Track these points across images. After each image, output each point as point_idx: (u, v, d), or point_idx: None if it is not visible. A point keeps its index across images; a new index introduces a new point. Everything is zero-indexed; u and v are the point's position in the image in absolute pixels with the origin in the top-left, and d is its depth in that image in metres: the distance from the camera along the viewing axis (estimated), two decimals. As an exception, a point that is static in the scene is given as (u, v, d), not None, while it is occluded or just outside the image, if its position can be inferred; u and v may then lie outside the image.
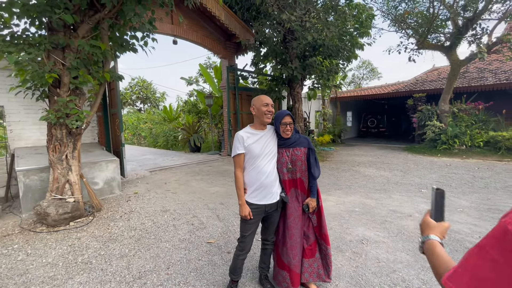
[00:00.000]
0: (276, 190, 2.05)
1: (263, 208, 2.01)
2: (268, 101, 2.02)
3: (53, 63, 3.61)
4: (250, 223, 2.01)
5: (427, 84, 12.74)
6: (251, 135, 2.02)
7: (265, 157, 2.00)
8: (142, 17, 4.11)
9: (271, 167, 2.02)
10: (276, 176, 2.06)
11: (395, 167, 7.32)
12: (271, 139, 2.06)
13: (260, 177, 1.98)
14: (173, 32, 7.34)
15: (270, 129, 2.12)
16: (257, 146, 1.99)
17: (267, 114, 2.00)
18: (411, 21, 9.91)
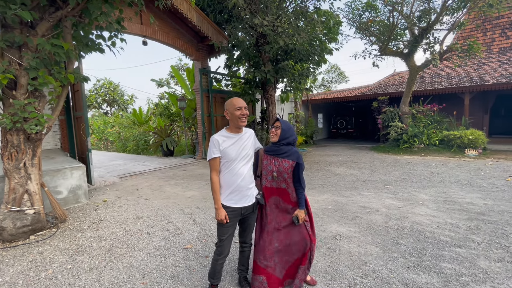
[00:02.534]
0: (252, 193, 2.06)
1: (239, 210, 2.01)
2: (241, 104, 1.98)
3: (7, 63, 3.31)
4: (227, 226, 2.00)
5: (389, 87, 13.70)
6: (226, 139, 2.00)
7: (241, 160, 2.00)
8: (109, 16, 3.92)
9: (246, 170, 2.02)
10: (251, 178, 2.08)
11: (363, 165, 7.76)
12: (248, 142, 2.06)
13: (236, 179, 1.98)
14: (143, 33, 7.09)
15: (247, 132, 2.11)
16: (233, 149, 1.98)
17: (242, 118, 1.98)
18: (374, 29, 10.62)
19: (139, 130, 14.20)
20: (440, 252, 2.78)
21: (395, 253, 2.78)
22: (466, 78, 11.22)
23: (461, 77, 11.57)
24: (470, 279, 2.30)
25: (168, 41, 7.83)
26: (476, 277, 2.33)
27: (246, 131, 2.11)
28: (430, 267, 2.51)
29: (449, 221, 3.56)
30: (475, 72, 11.62)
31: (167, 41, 7.83)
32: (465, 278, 2.32)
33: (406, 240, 3.05)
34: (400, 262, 2.61)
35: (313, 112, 16.72)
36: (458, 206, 4.14)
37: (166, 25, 7.84)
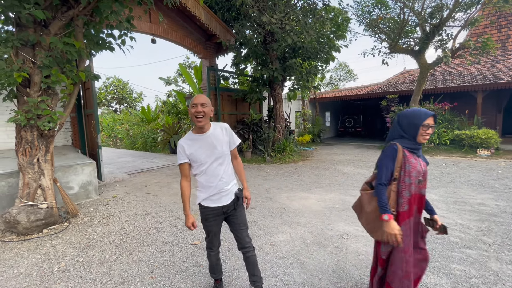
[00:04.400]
0: (231, 190, 1.94)
1: (220, 209, 1.92)
2: (197, 100, 1.78)
3: (22, 61, 3.40)
4: (210, 225, 1.96)
5: (399, 86, 13.47)
6: (191, 142, 1.86)
7: (215, 161, 1.86)
8: (119, 14, 3.97)
9: (223, 169, 1.89)
10: (230, 175, 1.95)
11: (371, 164, 7.67)
12: (217, 140, 1.87)
13: (213, 181, 1.87)
14: (152, 31, 7.16)
15: (216, 128, 1.91)
16: (200, 152, 1.84)
17: (197, 116, 1.77)
18: (383, 26, 10.44)
19: (147, 127, 14.39)
20: (450, 253, 2.73)
21: (403, 253, 2.75)
22: (479, 76, 10.93)
23: (474, 75, 11.28)
24: (480, 281, 2.26)
25: (176, 39, 7.89)
26: (486, 279, 2.29)
27: (215, 127, 1.91)
28: (439, 268, 2.47)
29: (459, 222, 3.49)
30: (488, 70, 11.30)
31: (176, 39, 7.88)
32: (475, 280, 2.28)
33: (415, 241, 3.01)
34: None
35: (320, 110, 16.59)
36: (469, 207, 4.06)
37: (174, 23, 7.89)
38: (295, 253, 2.82)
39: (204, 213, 1.95)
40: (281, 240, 3.11)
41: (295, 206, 4.30)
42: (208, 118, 1.85)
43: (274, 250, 2.88)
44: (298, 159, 8.84)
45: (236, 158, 2.09)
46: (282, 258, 2.72)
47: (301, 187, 5.42)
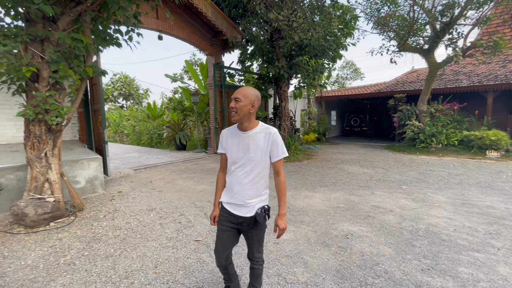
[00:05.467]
0: (253, 204, 1.71)
1: (235, 218, 1.74)
2: (234, 94, 1.62)
3: (31, 56, 3.43)
4: (221, 229, 1.79)
5: (407, 85, 13.26)
6: (231, 136, 1.74)
7: (243, 165, 1.68)
8: (127, 10, 3.99)
9: (250, 178, 1.68)
10: (258, 190, 1.72)
11: (377, 164, 7.59)
12: (255, 143, 1.65)
13: (234, 187, 1.71)
14: (159, 27, 7.17)
15: (261, 130, 1.68)
16: (234, 150, 1.70)
17: (231, 112, 1.64)
18: (392, 24, 10.26)
19: (153, 124, 14.49)
20: (457, 256, 2.68)
21: (409, 254, 2.72)
22: (490, 76, 10.68)
23: (485, 74, 11.03)
24: (488, 285, 2.22)
25: (183, 36, 7.89)
26: (495, 283, 2.24)
27: (260, 130, 1.68)
28: (445, 270, 2.43)
29: (467, 225, 3.43)
30: (500, 69, 11.04)
31: (182, 36, 7.88)
32: (483, 284, 2.23)
33: (421, 242, 2.97)
34: (414, 264, 2.55)
35: (326, 109, 16.47)
36: (477, 209, 3.98)
37: (181, 20, 7.89)
38: (298, 252, 2.80)
39: (221, 212, 1.82)
40: (285, 239, 3.10)
41: (300, 204, 4.28)
42: (245, 114, 1.60)
43: (278, 249, 2.87)
44: (303, 157, 8.79)
45: (279, 175, 1.72)
46: (286, 256, 2.71)
47: (305, 186, 5.39)
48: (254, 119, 1.68)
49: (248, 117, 1.63)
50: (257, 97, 1.64)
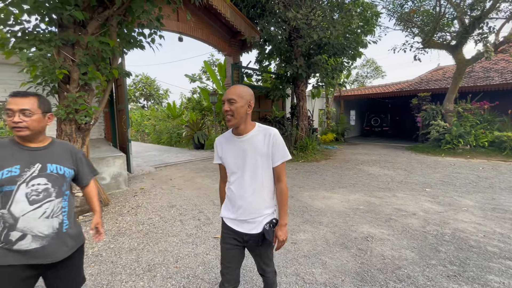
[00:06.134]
0: (260, 219, 1.49)
1: (240, 235, 1.52)
2: (226, 95, 1.41)
3: (63, 59, 3.65)
4: (225, 247, 1.56)
5: (432, 83, 12.68)
6: (225, 143, 1.54)
7: (243, 174, 1.46)
8: (150, 14, 4.14)
9: (252, 189, 1.46)
10: (263, 202, 1.49)
11: (399, 166, 7.32)
12: (254, 147, 1.45)
13: (237, 201, 1.49)
14: (179, 29, 7.36)
15: (259, 132, 1.48)
16: (230, 157, 1.50)
17: (226, 116, 1.43)
18: (417, 20, 9.85)
19: (173, 123, 14.89)
20: (487, 263, 2.54)
21: (434, 260, 2.61)
22: (525, 72, 9.95)
23: (519, 71, 10.29)
24: (522, 296, 2.08)
25: (202, 37, 8.05)
26: (529, 294, 2.10)
27: (258, 132, 1.48)
28: (474, 278, 2.31)
29: (498, 231, 3.23)
30: (537, 65, 10.26)
31: (202, 37, 8.04)
32: (516, 294, 2.10)
33: (447, 248, 2.84)
34: (439, 270, 2.44)
35: (345, 108, 16.11)
36: (510, 215, 3.73)
37: (200, 21, 8.05)
38: (317, 252, 2.78)
39: (223, 229, 1.60)
40: (303, 239, 3.08)
41: (318, 205, 4.23)
42: (242, 116, 1.42)
43: (296, 249, 2.86)
44: (321, 158, 8.67)
45: (280, 182, 1.51)
46: (304, 256, 2.70)
47: (323, 186, 5.31)
48: (250, 120, 1.49)
49: (245, 119, 1.44)
50: (252, 95, 1.48)
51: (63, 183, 1.35)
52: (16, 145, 1.29)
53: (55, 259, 1.30)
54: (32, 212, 1.23)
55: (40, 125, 1.29)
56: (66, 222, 1.36)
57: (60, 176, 1.34)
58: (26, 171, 1.24)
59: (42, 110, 1.29)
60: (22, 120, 1.22)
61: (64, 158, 1.39)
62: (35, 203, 1.24)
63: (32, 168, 1.26)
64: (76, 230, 1.44)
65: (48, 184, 1.28)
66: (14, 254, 1.22)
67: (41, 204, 1.26)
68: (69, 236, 1.37)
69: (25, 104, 1.22)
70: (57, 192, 1.32)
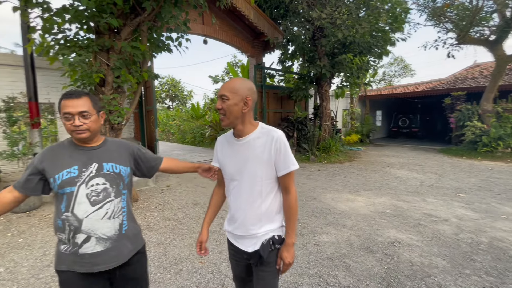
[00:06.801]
0: (259, 235, 1.26)
1: (241, 252, 1.32)
2: (220, 91, 1.22)
3: (99, 64, 3.93)
4: (232, 264, 1.46)
5: (467, 81, 11.85)
6: (226, 145, 1.35)
7: (241, 183, 1.27)
8: (178, 18, 4.31)
9: (252, 199, 1.25)
10: (264, 214, 1.26)
11: (430, 169, 6.94)
12: (253, 152, 1.24)
13: (236, 213, 1.31)
14: (204, 32, 7.57)
15: (262, 134, 1.25)
16: (228, 163, 1.31)
17: (220, 115, 1.25)
18: (450, 14, 9.26)
19: (196, 123, 15.31)
20: (529, 276, 2.34)
21: (468, 269, 2.46)
22: None
23: None
24: None
25: (226, 39, 8.21)
26: None
27: (260, 134, 1.25)
28: (514, 291, 2.15)
29: (543, 242, 2.96)
30: None
31: (226, 39, 8.20)
32: None
33: (482, 257, 2.66)
34: (473, 280, 2.30)
35: (371, 108, 15.55)
36: (558, 225, 3.40)
37: (224, 23, 8.21)
38: (340, 255, 2.73)
39: (228, 244, 1.45)
40: (326, 241, 3.04)
41: (341, 207, 4.15)
42: (237, 116, 1.21)
43: (318, 250, 2.83)
44: (345, 159, 8.46)
45: (287, 193, 1.27)
46: (327, 259, 2.67)
47: (347, 189, 5.19)
48: (250, 120, 1.26)
49: (242, 119, 1.23)
50: (250, 89, 1.22)
51: (120, 182, 1.29)
52: (73, 145, 1.27)
53: (119, 263, 1.25)
54: (94, 213, 1.19)
55: (97, 125, 1.26)
56: (125, 223, 1.30)
57: (116, 175, 1.28)
58: (84, 171, 1.22)
59: (97, 110, 1.26)
60: (82, 123, 1.19)
61: (118, 156, 1.32)
62: (97, 203, 1.20)
63: (89, 168, 1.23)
64: (134, 232, 1.35)
65: (106, 184, 1.24)
66: (81, 260, 1.18)
67: (102, 205, 1.21)
68: (127, 237, 1.30)
69: (82, 106, 1.19)
70: (116, 191, 1.26)
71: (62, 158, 1.23)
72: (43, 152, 1.26)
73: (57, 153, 1.24)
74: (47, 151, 1.26)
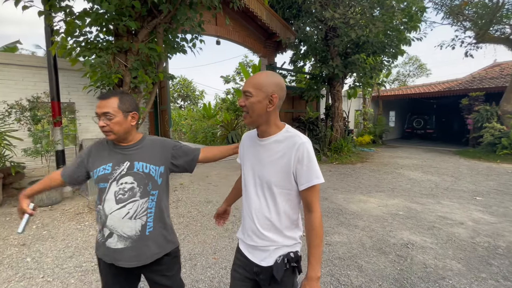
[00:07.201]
0: (271, 248, 1.12)
1: (250, 265, 1.17)
2: (244, 87, 1.10)
3: (117, 65, 4.08)
4: (234, 277, 1.25)
5: (486, 81, 11.45)
6: (249, 142, 1.24)
7: (255, 187, 1.16)
8: (193, 20, 4.41)
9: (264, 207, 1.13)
10: (278, 226, 1.12)
11: (445, 171, 6.77)
12: (271, 156, 1.11)
13: (245, 216, 1.22)
14: (217, 33, 7.68)
15: (284, 139, 1.11)
16: (247, 162, 1.21)
17: (243, 112, 1.13)
18: (469, 13, 9.00)
19: (208, 123, 15.50)
20: (550, 282, 2.28)
21: (484, 273, 2.41)
22: None
23: None
24: None
25: (239, 40, 8.29)
26: None
27: (282, 139, 1.11)
28: (533, 297, 2.10)
29: None
30: None
31: (238, 40, 8.28)
32: None
33: (500, 261, 2.60)
34: (490, 284, 2.26)
35: (384, 109, 15.28)
36: None
37: (237, 24, 8.29)
38: (352, 255, 2.74)
39: (236, 252, 1.32)
40: (337, 241, 3.05)
41: (353, 208, 4.13)
42: (260, 114, 1.08)
43: (330, 250, 2.85)
44: (356, 160, 8.37)
45: (310, 211, 1.08)
46: (338, 258, 2.68)
47: (359, 190, 5.15)
48: (275, 120, 1.12)
49: (266, 119, 1.10)
50: (277, 85, 1.07)
51: (148, 183, 1.26)
52: (111, 144, 1.30)
53: (140, 263, 1.24)
54: (117, 211, 1.20)
55: (123, 127, 1.22)
56: (150, 224, 1.26)
57: (145, 175, 1.26)
58: (117, 169, 1.24)
59: (123, 111, 1.22)
60: (106, 124, 1.20)
61: (151, 156, 1.30)
62: (121, 202, 1.21)
63: (121, 166, 1.25)
64: (163, 235, 1.31)
65: (134, 183, 1.24)
66: (107, 252, 1.23)
67: (125, 204, 1.21)
68: (152, 239, 1.26)
69: (106, 107, 1.20)
70: (142, 192, 1.24)
71: (102, 155, 1.29)
72: (90, 146, 1.35)
73: (100, 150, 1.32)
74: (93, 146, 1.35)
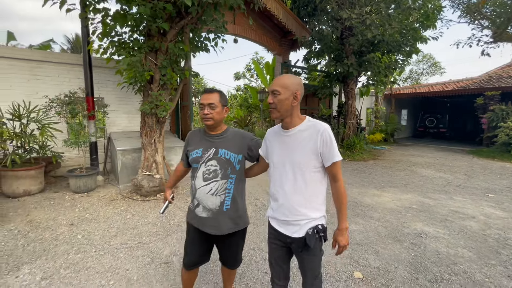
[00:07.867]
0: (302, 222, 1.37)
1: (283, 237, 1.42)
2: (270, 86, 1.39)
3: (149, 63, 4.39)
4: (271, 248, 1.53)
5: (502, 80, 11.31)
6: (274, 136, 1.49)
7: (287, 171, 1.39)
8: (218, 21, 4.67)
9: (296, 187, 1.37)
10: (306, 201, 1.37)
11: (458, 170, 6.87)
12: (300, 142, 1.35)
13: (279, 198, 1.42)
14: (235, 32, 7.91)
15: (308, 127, 1.37)
16: (275, 152, 1.45)
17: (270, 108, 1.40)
18: (486, 11, 8.93)
19: (220, 119, 15.82)
20: (556, 269, 2.46)
21: (493, 260, 2.61)
22: None
23: None
24: None
25: (255, 39, 8.51)
26: None
27: (307, 127, 1.37)
28: (538, 281, 2.30)
29: None
30: None
31: (255, 39, 8.50)
32: None
33: (509, 251, 2.79)
34: (499, 270, 2.46)
35: (396, 107, 15.24)
36: None
37: (255, 23, 8.50)
38: (369, 242, 2.98)
39: (268, 228, 1.56)
40: (355, 229, 3.29)
41: (367, 201, 4.35)
42: (287, 109, 1.35)
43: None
44: (369, 157, 8.52)
45: (335, 181, 1.38)
46: (357, 244, 2.92)
47: (373, 185, 5.35)
48: (297, 113, 1.40)
49: (291, 112, 1.37)
50: (299, 85, 1.36)
51: (228, 167, 1.53)
52: (203, 132, 1.63)
53: (218, 232, 1.54)
54: (203, 187, 1.53)
55: (220, 116, 1.55)
56: (228, 203, 1.54)
57: (226, 161, 1.53)
58: (205, 153, 1.54)
59: (222, 104, 1.56)
60: (209, 112, 1.51)
61: (232, 145, 1.57)
62: (206, 180, 1.52)
63: (209, 151, 1.55)
64: (237, 214, 1.58)
65: (217, 166, 1.52)
66: (195, 218, 1.58)
67: (209, 182, 1.52)
68: (228, 216, 1.54)
69: (211, 99, 1.52)
70: (223, 174, 1.52)
71: (196, 141, 1.65)
72: (188, 134, 1.72)
73: (194, 137, 1.68)
74: (190, 134, 1.71)
